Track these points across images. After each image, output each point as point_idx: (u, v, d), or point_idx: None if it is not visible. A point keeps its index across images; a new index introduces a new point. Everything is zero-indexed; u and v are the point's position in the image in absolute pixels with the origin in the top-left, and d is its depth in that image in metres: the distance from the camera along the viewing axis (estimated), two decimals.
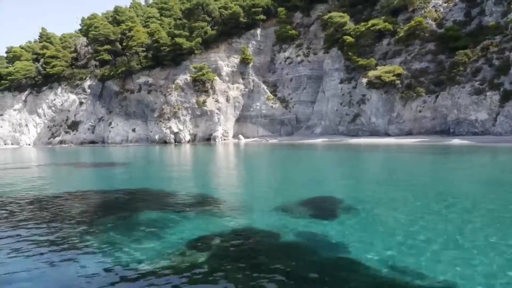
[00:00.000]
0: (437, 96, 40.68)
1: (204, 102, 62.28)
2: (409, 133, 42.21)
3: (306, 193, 12.71)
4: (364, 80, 47.46)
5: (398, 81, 43.47)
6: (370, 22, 48.75)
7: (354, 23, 52.75)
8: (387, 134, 44.43)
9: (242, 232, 8.29)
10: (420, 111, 41.56)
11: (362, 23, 50.29)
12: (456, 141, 34.31)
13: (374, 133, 45.95)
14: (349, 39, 50.12)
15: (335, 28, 54.02)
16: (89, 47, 75.71)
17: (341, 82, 51.43)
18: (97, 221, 9.68)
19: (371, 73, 45.33)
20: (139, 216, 9.99)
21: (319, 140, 48.46)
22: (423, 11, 47.76)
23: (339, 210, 10.05)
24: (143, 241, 7.83)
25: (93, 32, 69.67)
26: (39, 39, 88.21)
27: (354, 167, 21.84)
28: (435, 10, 47.27)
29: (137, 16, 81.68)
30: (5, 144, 73.95)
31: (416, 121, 41.93)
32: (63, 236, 8.41)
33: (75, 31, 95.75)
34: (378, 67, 46.34)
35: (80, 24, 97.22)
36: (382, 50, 49.15)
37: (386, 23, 47.84)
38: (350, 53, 49.24)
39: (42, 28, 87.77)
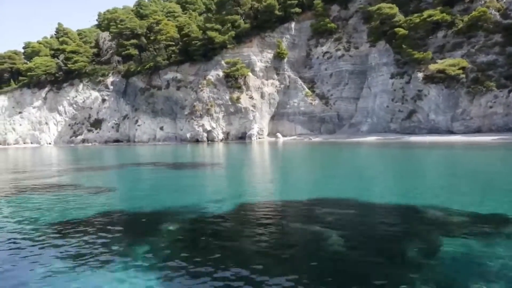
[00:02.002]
0: (510, 91, 37.83)
1: (238, 98, 59.26)
2: (478, 131, 39.29)
3: None
4: (420, 75, 44.60)
5: (462, 75, 40.61)
6: (426, 13, 45.84)
7: (403, 15, 49.89)
8: (449, 132, 41.50)
9: None
10: (490, 107, 38.69)
11: (416, 15, 47.40)
12: None
13: (433, 130, 43.02)
14: (401, 31, 47.20)
15: (381, 20, 51.13)
16: (112, 42, 72.51)
17: (392, 77, 48.51)
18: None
19: (433, 67, 42.43)
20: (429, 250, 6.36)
21: (372, 138, 45.45)
22: (482, 1, 44.91)
23: None
24: None
25: (119, 26, 66.59)
26: (55, 34, 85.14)
27: None
28: (497, 0, 44.47)
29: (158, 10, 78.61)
30: (24, 143, 70.70)
31: (485, 118, 39.04)
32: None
33: (91, 27, 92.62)
34: (438, 61, 43.46)
35: (96, 20, 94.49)
36: (437, 42, 46.23)
37: (444, 14, 44.95)
38: (403, 46, 46.28)
39: (59, 24, 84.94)
